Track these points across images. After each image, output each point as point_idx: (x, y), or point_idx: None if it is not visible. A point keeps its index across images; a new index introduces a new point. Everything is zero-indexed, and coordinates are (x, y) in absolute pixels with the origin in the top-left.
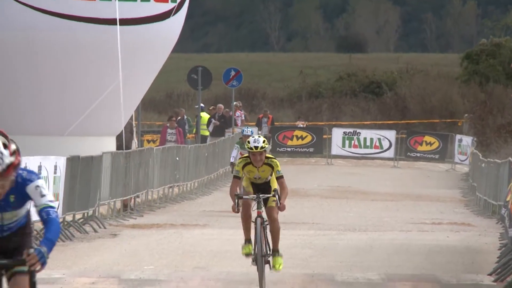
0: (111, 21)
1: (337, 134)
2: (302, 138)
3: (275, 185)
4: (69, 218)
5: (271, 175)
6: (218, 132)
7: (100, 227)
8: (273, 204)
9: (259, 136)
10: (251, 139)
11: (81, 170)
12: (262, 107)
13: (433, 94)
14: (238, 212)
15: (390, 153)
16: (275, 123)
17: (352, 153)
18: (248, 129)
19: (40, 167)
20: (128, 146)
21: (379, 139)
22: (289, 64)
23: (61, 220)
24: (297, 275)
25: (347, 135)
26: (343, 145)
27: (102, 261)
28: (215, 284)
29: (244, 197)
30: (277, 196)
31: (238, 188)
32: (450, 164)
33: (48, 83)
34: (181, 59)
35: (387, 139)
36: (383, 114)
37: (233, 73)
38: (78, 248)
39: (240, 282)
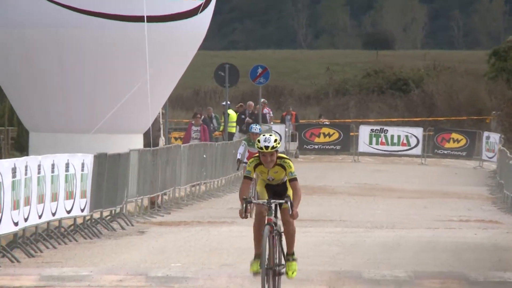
0: (139, 19)
1: (364, 131)
2: (329, 135)
3: (295, 193)
4: (96, 215)
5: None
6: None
7: (127, 225)
8: (287, 206)
9: (270, 135)
10: (261, 138)
11: (108, 168)
12: (289, 104)
13: (461, 91)
14: (245, 218)
15: (418, 150)
16: (300, 121)
17: (379, 150)
18: (257, 127)
19: (67, 165)
20: (155, 144)
21: (407, 136)
22: (316, 61)
23: (88, 217)
24: (324, 272)
25: (374, 132)
26: (370, 143)
27: (129, 258)
28: (242, 281)
29: (254, 201)
30: (289, 203)
31: (250, 189)
32: (477, 161)
33: (76, 81)
34: (208, 56)
35: (415, 136)
36: (410, 111)
37: (260, 70)
38: (106, 246)
39: None
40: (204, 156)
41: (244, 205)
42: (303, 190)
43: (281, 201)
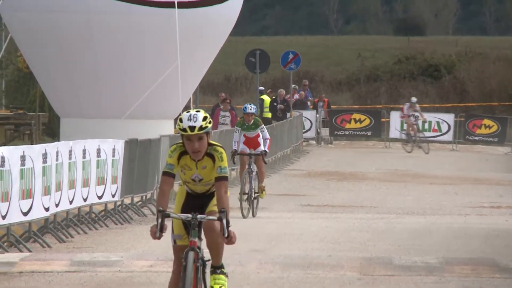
0: (170, 4)
1: (395, 118)
2: (360, 121)
3: (223, 201)
4: (127, 201)
5: None
6: (283, 116)
7: None
8: (215, 225)
9: (197, 111)
10: (184, 115)
11: (139, 153)
12: (320, 90)
13: (492, 77)
14: (158, 239)
15: (449, 137)
16: (332, 106)
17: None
18: (251, 106)
19: (98, 150)
20: None
21: (438, 123)
22: (347, 47)
23: (119, 203)
24: (355, 258)
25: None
26: (402, 128)
27: (160, 244)
28: (272, 267)
29: (173, 215)
30: (224, 221)
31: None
32: (509, 147)
33: (107, 66)
34: (239, 42)
35: (446, 122)
36: (442, 98)
37: (291, 56)
38: (136, 231)
39: (298, 266)
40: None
41: (160, 220)
42: (334, 177)
43: (213, 218)
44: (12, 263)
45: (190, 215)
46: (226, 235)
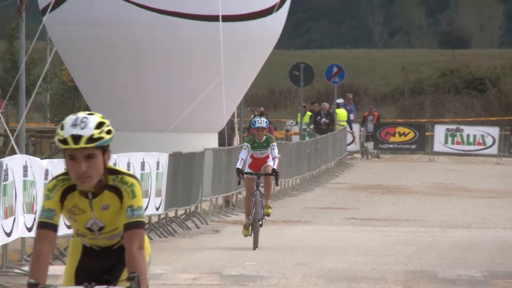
0: (214, 18)
1: (439, 131)
2: (405, 134)
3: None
4: (171, 214)
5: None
6: (327, 129)
7: (202, 223)
8: None
9: (90, 113)
10: (68, 119)
11: (183, 166)
12: (364, 103)
13: None
14: None
15: (494, 150)
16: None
17: (455, 150)
18: (262, 119)
19: (143, 163)
20: (230, 143)
21: (482, 136)
22: (392, 60)
23: (163, 216)
24: (399, 272)
25: (449, 132)
26: (446, 142)
27: (204, 257)
28: (316, 280)
29: None
30: None
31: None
32: None
33: (152, 80)
34: (283, 55)
35: (491, 135)
36: (487, 111)
37: (335, 69)
38: (180, 244)
39: (342, 279)
40: (279, 155)
41: None
42: (378, 190)
43: None
44: (57, 276)
45: None
46: None
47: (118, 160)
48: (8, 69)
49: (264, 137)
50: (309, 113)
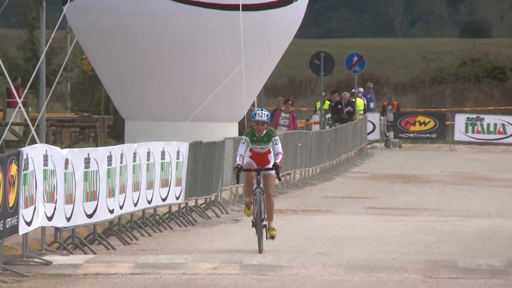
0: (235, 7)
1: (460, 120)
2: (425, 124)
3: None
4: (191, 203)
5: None
6: (348, 119)
7: (222, 213)
8: None
9: None
10: None
11: (203, 156)
12: (385, 93)
13: None
14: None
15: None
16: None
17: (475, 139)
18: (263, 112)
19: (163, 153)
20: None
21: (503, 125)
22: (412, 50)
23: (183, 205)
24: (419, 261)
25: (470, 121)
26: (466, 131)
27: (224, 246)
28: (336, 270)
29: None
30: None
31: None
32: None
33: (172, 69)
34: (303, 44)
35: (511, 124)
36: (507, 100)
37: (355, 58)
38: (200, 234)
39: (362, 268)
40: (299, 144)
41: None
42: (398, 179)
43: None
44: (77, 265)
45: None
46: None
47: (138, 150)
48: (28, 58)
49: (265, 131)
50: (327, 102)
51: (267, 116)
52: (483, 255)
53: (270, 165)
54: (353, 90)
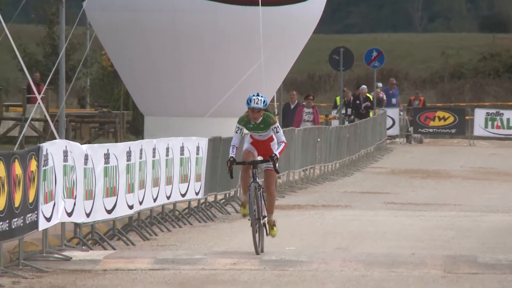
0: (254, 2)
1: (479, 115)
2: (444, 119)
3: None
4: (210, 198)
5: None
6: (366, 114)
7: None
8: None
9: None
10: None
11: (222, 151)
12: (404, 88)
13: None
14: None
15: None
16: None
17: (495, 134)
18: (258, 98)
19: (182, 148)
20: None
21: None
22: (432, 45)
23: (203, 201)
24: (438, 256)
25: (490, 116)
26: (486, 126)
27: (243, 241)
28: (356, 265)
29: None
30: None
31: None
32: None
33: (191, 65)
34: (322, 40)
35: None
36: None
37: (375, 53)
38: (220, 229)
39: (381, 264)
40: (318, 139)
41: None
42: (417, 174)
43: None
44: (96, 261)
45: None
46: None
47: (157, 145)
48: (48, 54)
49: (260, 118)
50: (338, 98)
51: (263, 102)
52: (503, 250)
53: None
54: (363, 86)
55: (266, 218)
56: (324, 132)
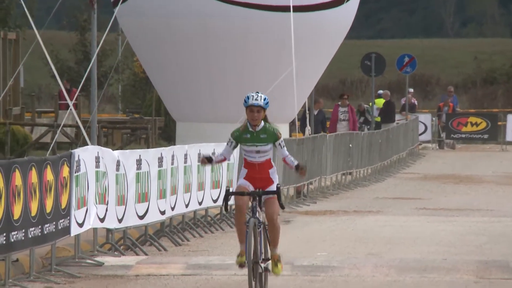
0: (285, 8)
1: None
2: (477, 124)
3: None
4: None
5: None
6: (387, 118)
7: None
8: None
9: None
10: None
11: None
12: (436, 93)
13: None
14: None
15: None
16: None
17: None
18: (259, 95)
19: (213, 154)
20: (302, 133)
21: None
22: (464, 50)
23: (233, 207)
24: (471, 262)
25: None
26: None
27: None
28: (388, 271)
29: None
30: None
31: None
32: None
33: (223, 71)
34: (354, 45)
35: None
36: None
37: (407, 59)
38: None
39: (413, 269)
40: (350, 145)
41: None
42: (450, 180)
43: None
44: (129, 266)
45: None
46: None
47: (189, 151)
48: (80, 60)
49: (262, 123)
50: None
51: (264, 100)
52: None
53: (274, 187)
54: (379, 92)
55: (268, 262)
56: (356, 138)
